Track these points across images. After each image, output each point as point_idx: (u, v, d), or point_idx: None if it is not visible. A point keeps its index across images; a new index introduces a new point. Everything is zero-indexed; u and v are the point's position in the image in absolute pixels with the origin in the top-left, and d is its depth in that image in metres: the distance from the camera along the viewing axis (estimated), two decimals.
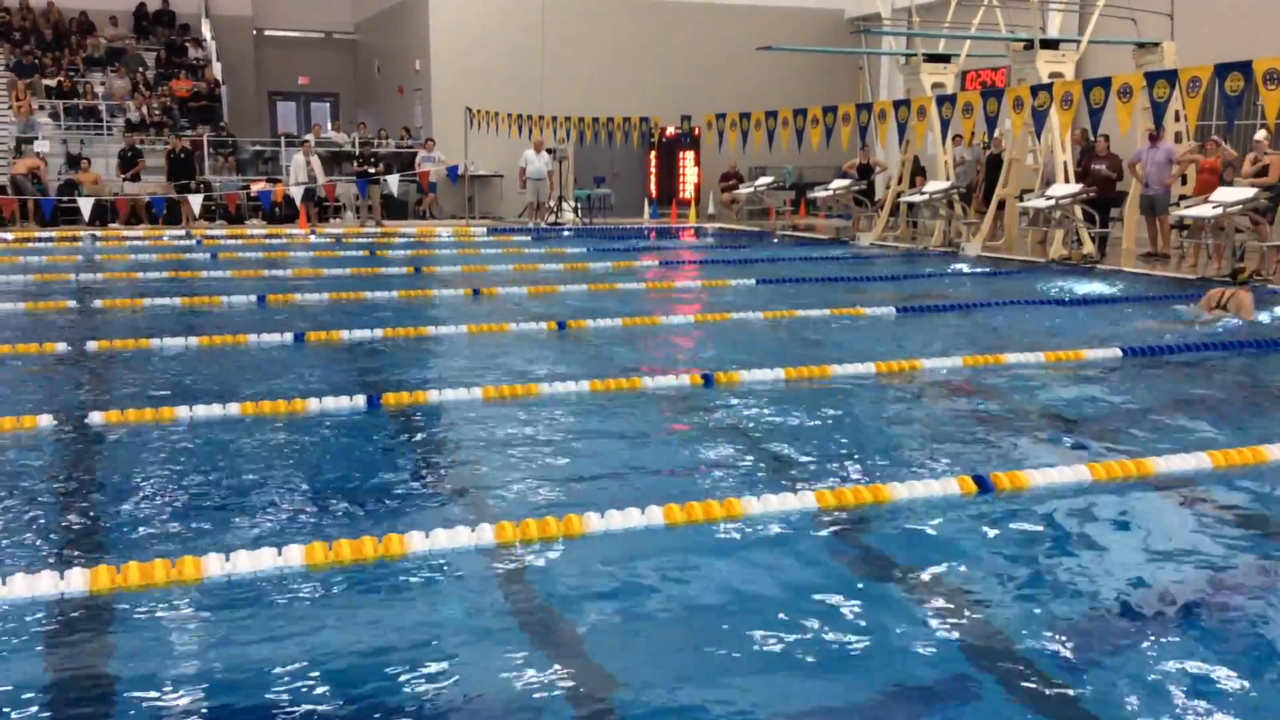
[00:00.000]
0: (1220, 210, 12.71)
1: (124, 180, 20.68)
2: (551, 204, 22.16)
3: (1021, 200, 16.06)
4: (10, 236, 17.87)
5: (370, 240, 18.24)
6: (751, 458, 5.62)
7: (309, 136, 23.11)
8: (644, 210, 24.61)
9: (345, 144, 23.98)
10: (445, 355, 8.60)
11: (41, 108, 22.91)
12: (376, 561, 4.08)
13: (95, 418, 6.13)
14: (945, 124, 16.60)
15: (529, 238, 19.08)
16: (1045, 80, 15.26)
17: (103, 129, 23.01)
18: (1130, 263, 14.71)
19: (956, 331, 9.66)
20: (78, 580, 3.82)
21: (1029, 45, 16.15)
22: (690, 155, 25.66)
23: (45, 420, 6.05)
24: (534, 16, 23.47)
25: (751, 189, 22.52)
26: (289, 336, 8.76)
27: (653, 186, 25.95)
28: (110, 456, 5.60)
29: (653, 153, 25.75)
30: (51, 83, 23.89)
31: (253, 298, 11.05)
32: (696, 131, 24.65)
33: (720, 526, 4.49)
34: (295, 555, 4.04)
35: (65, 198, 19.52)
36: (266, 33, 29.74)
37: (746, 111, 19.74)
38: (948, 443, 5.98)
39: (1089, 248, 15.05)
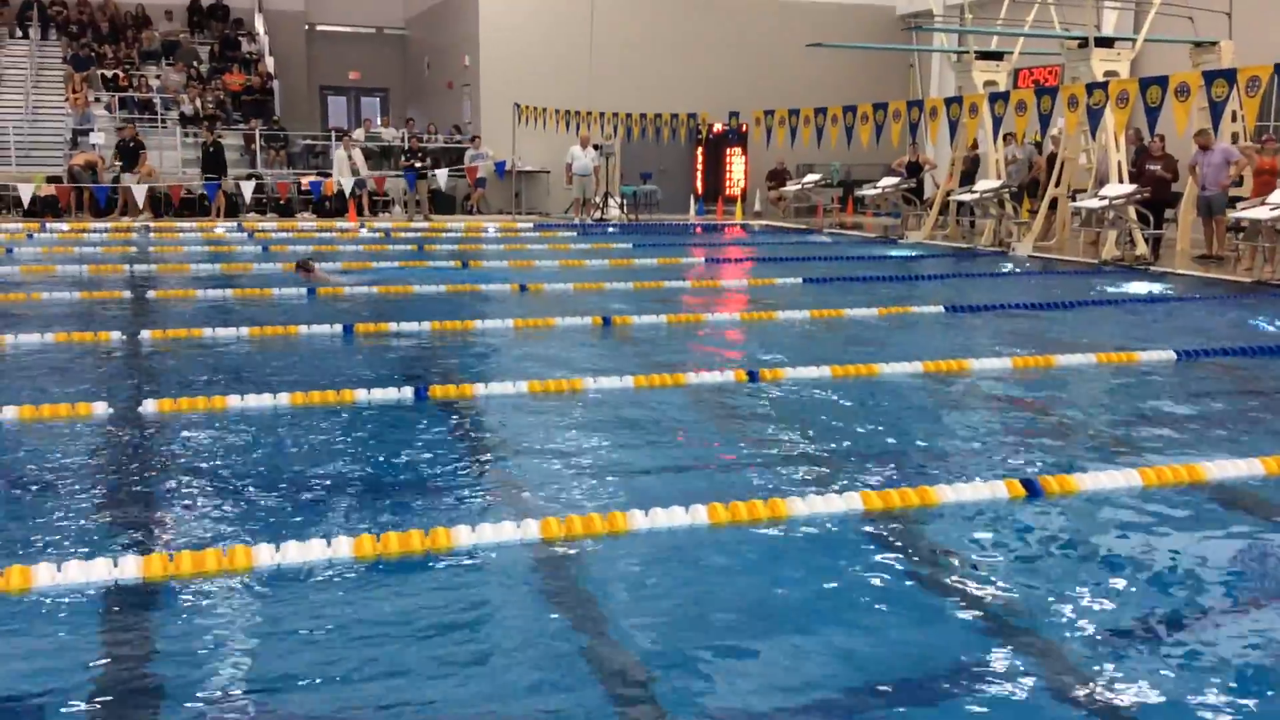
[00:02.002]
0: (1278, 212, 12.47)
1: (121, 171, 20.33)
2: (597, 200, 22.19)
3: (1074, 200, 15.86)
4: (66, 227, 18.18)
5: (418, 234, 18.36)
6: (796, 457, 5.59)
7: (358, 130, 23.31)
8: (690, 207, 24.58)
9: (394, 139, 24.15)
10: (491, 349, 8.64)
11: (97, 100, 23.28)
12: (423, 554, 4.11)
13: (149, 406, 6.22)
14: (998, 122, 16.43)
15: (575, 233, 19.12)
16: (1100, 79, 15.05)
17: (157, 122, 23.35)
18: (1185, 265, 14.48)
19: (1006, 332, 9.56)
20: (131, 567, 3.88)
21: (1083, 43, 15.93)
22: (737, 152, 25.59)
23: (100, 408, 6.15)
24: (583, 12, 23.50)
25: (799, 186, 22.41)
26: (338, 328, 8.85)
27: (699, 183, 25.90)
28: (163, 445, 5.68)
29: (699, 149, 25.71)
30: (108, 75, 24.29)
31: (303, 289, 11.17)
32: (744, 128, 24.57)
33: (764, 526, 4.48)
34: (344, 546, 4.08)
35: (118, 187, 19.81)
36: (319, 28, 30.02)
37: (795, 108, 19.65)
38: (996, 445, 5.93)
39: (1142, 249, 14.83)
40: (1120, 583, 4.06)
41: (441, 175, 21.03)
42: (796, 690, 3.22)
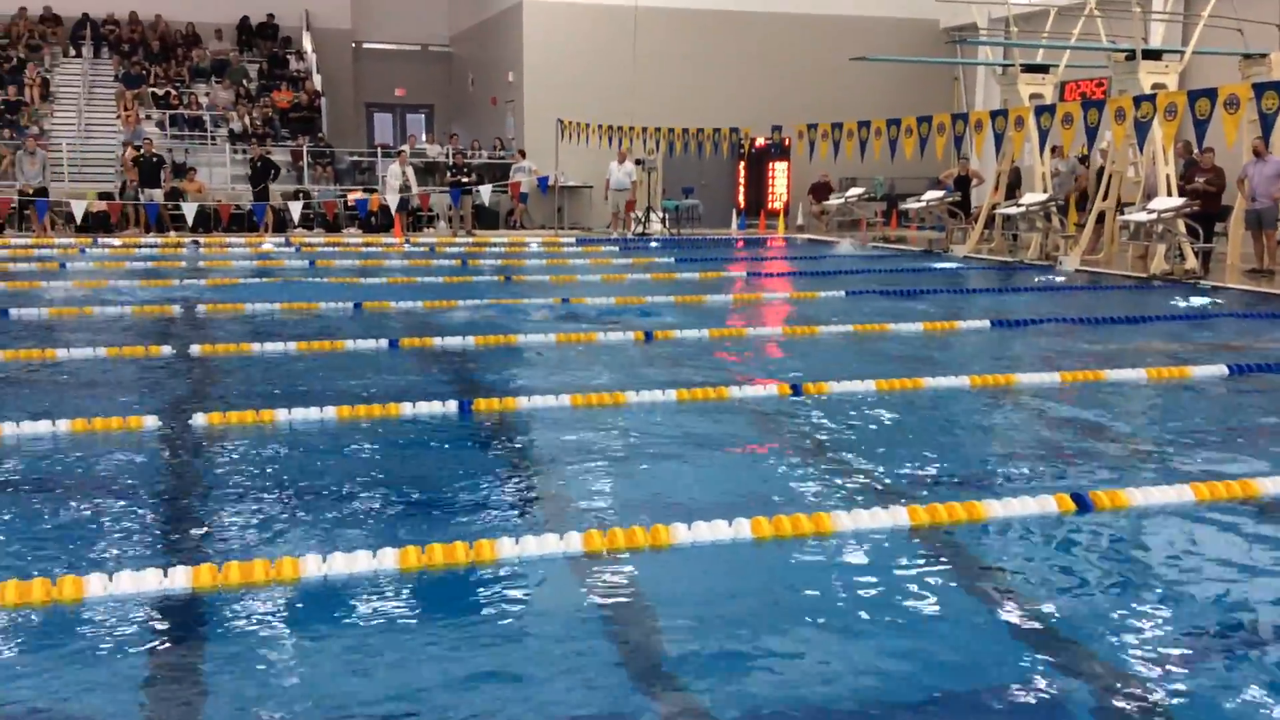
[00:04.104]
0: None
1: (141, 188, 20.34)
2: (639, 214, 22.23)
3: (1122, 213, 15.67)
4: (118, 242, 18.49)
5: (462, 249, 18.49)
6: (841, 471, 5.56)
7: (404, 147, 23.54)
8: (732, 221, 24.57)
9: (439, 155, 24.37)
10: (534, 362, 8.67)
11: (148, 117, 23.69)
12: (468, 565, 4.13)
13: (198, 419, 6.30)
14: (1044, 135, 16.29)
15: (616, 248, 19.17)
16: (1148, 91, 14.89)
17: (207, 139, 23.71)
18: (1235, 279, 14.26)
19: (1054, 346, 9.45)
20: (181, 578, 3.92)
21: (1131, 56, 15.76)
22: (780, 166, 25.54)
23: (151, 421, 6.24)
24: (626, 28, 23.60)
25: (841, 200, 22.33)
26: (384, 342, 8.92)
27: (741, 197, 25.88)
28: (212, 457, 5.75)
29: (742, 163, 25.70)
30: (159, 93, 24.72)
31: (349, 304, 11.27)
32: (786, 142, 24.53)
33: (808, 541, 4.45)
34: (389, 558, 4.10)
35: (171, 204, 20.14)
36: (365, 46, 30.37)
37: (838, 121, 19.59)
38: (1044, 460, 5.86)
39: (1192, 263, 14.62)
40: (1171, 599, 4.00)
41: (485, 191, 21.18)
42: (840, 705, 3.19)
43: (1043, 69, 18.24)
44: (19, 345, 8.69)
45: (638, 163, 22.18)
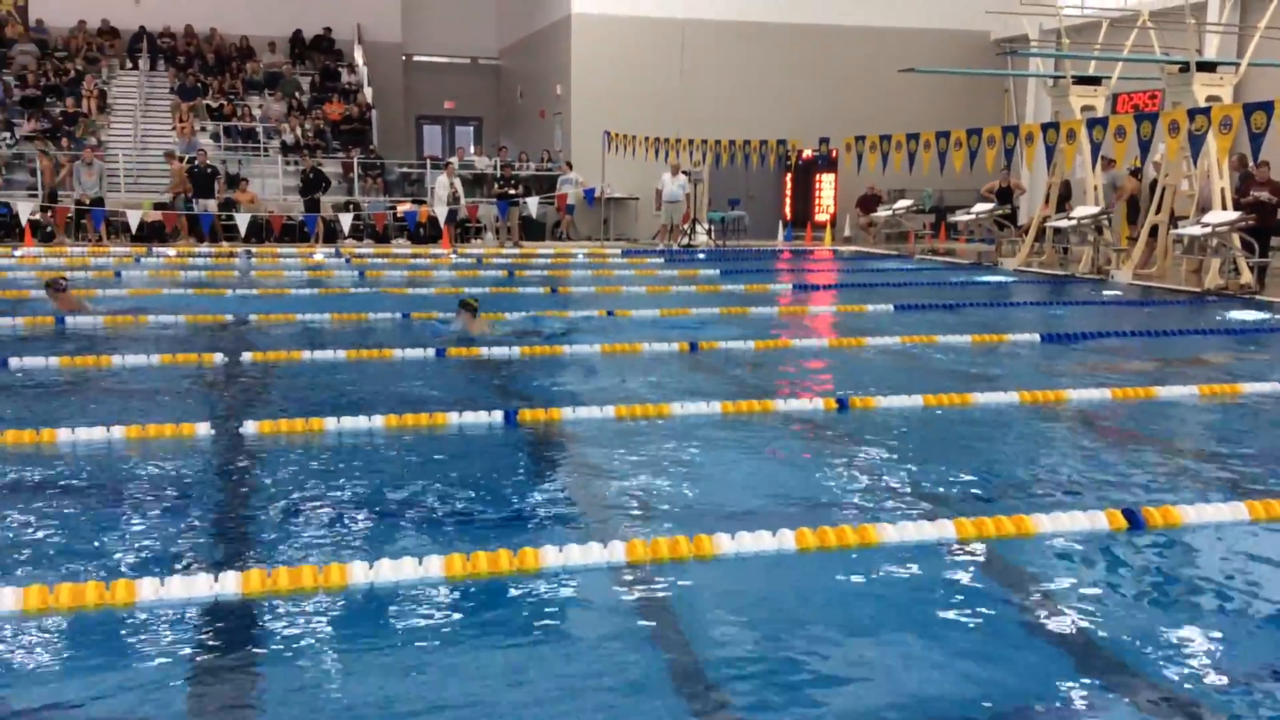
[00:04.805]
0: None
1: (195, 198, 20.84)
2: (685, 227, 22.26)
3: (1175, 227, 15.45)
4: (172, 252, 18.79)
5: (509, 261, 18.59)
6: (886, 484, 5.52)
7: (452, 159, 23.73)
8: (778, 233, 24.52)
9: (486, 167, 24.54)
10: (579, 374, 8.69)
11: (203, 129, 24.08)
12: (512, 574, 4.14)
13: (249, 427, 6.38)
14: (1096, 148, 16.10)
15: (662, 259, 19.19)
16: (1202, 104, 14.68)
17: (259, 150, 24.06)
18: None
19: (1105, 361, 9.33)
20: (231, 583, 3.98)
21: (1185, 68, 15.55)
22: (827, 177, 25.46)
23: (202, 428, 6.33)
24: (673, 40, 23.66)
25: (889, 212, 22.21)
26: (431, 352, 8.99)
27: (787, 209, 25.82)
28: (262, 465, 5.82)
29: (788, 175, 25.64)
30: (213, 105, 25.12)
31: (397, 314, 11.37)
32: (834, 153, 24.44)
33: (853, 553, 4.43)
34: (435, 565, 4.13)
35: (224, 214, 20.45)
36: (415, 58, 30.69)
37: (887, 134, 19.49)
38: (1094, 475, 5.78)
39: (1247, 278, 14.39)
40: (1224, 620, 3.93)
41: (532, 203, 21.30)
42: (883, 718, 3.17)
43: (1095, 81, 18.05)
44: (75, 352, 8.86)
45: (685, 174, 22.23)
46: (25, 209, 19.07)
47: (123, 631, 3.70)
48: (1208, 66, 15.59)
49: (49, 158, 21.24)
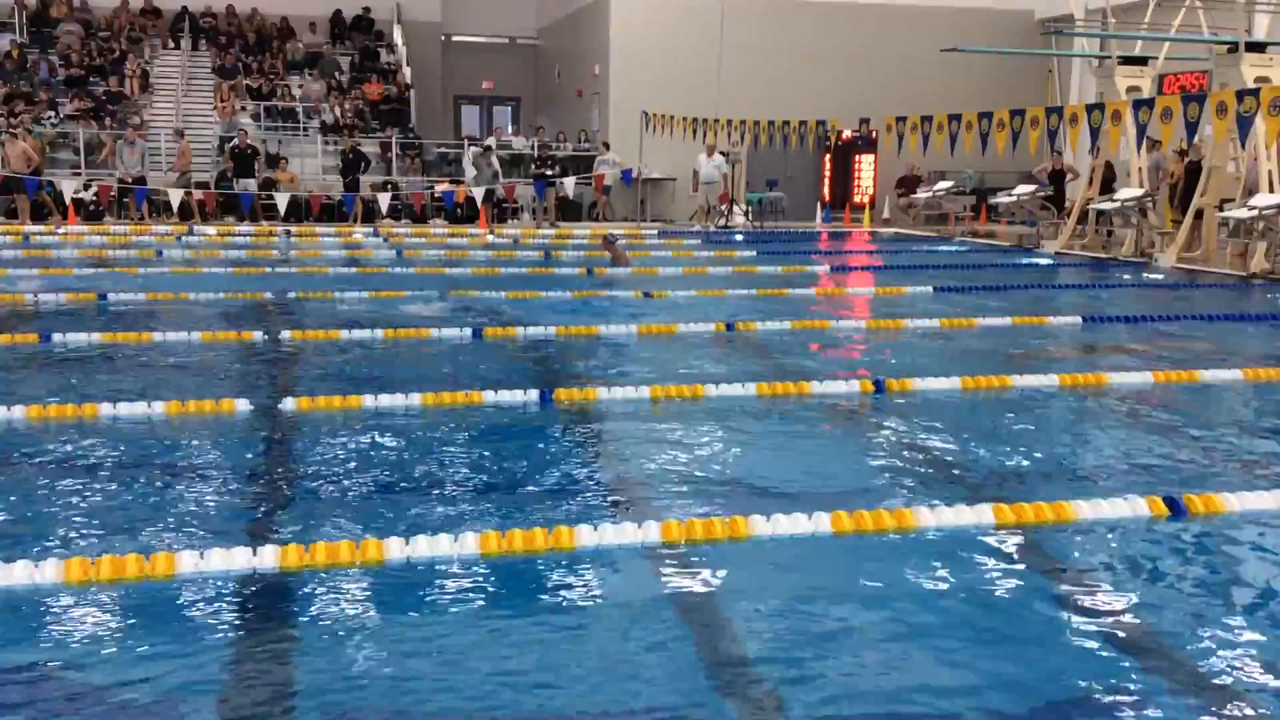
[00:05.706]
0: None
1: (235, 177, 20.87)
2: (722, 208, 22.17)
3: (1221, 210, 15.20)
4: (213, 231, 18.96)
5: (546, 241, 18.60)
6: (923, 468, 5.48)
7: (490, 140, 23.75)
8: (816, 214, 24.36)
9: (524, 147, 24.54)
10: (615, 354, 8.69)
11: (243, 109, 24.24)
12: (546, 551, 4.16)
13: (288, 404, 6.44)
14: (1141, 129, 15.86)
15: (699, 241, 19.13)
16: (1251, 85, 14.40)
17: (299, 130, 24.19)
18: None
19: (1148, 345, 9.21)
20: (269, 557, 4.01)
21: (1233, 48, 15.26)
22: (867, 159, 25.25)
23: (242, 405, 6.39)
24: (713, 20, 23.50)
25: (929, 194, 22.00)
26: (468, 332, 9.02)
27: (826, 190, 25.65)
28: (300, 441, 5.87)
29: (827, 156, 25.46)
30: (253, 85, 25.27)
31: (435, 293, 11.42)
32: (874, 134, 24.23)
33: (890, 537, 4.40)
34: (471, 542, 4.15)
35: (264, 193, 20.60)
36: (454, 38, 30.72)
37: (928, 114, 19.30)
38: (1136, 461, 5.71)
39: None
40: (1268, 609, 3.87)
41: (569, 183, 21.29)
42: (917, 705, 3.15)
43: (1141, 61, 17.76)
44: (117, 329, 8.96)
45: (723, 154, 22.12)
46: (69, 187, 19.31)
47: (162, 604, 3.74)
48: (1257, 47, 15.28)
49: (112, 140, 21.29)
